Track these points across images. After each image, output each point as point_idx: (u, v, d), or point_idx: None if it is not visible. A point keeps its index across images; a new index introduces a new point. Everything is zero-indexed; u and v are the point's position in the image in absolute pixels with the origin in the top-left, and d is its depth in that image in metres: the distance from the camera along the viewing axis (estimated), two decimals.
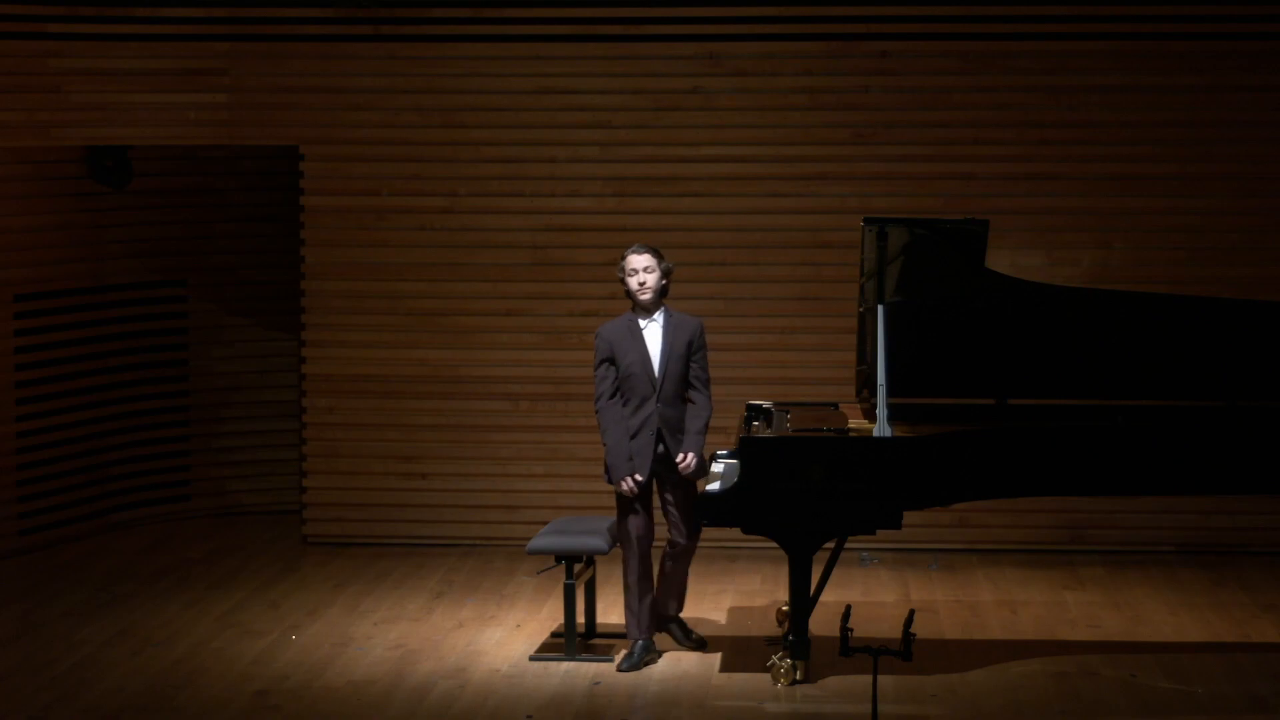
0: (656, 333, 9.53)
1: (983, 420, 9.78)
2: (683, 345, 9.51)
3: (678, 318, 9.57)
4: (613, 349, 9.54)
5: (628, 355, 9.50)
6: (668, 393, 9.51)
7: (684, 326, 9.55)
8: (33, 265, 12.16)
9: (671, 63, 12.17)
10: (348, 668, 9.61)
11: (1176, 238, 12.05)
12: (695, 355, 9.56)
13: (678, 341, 9.50)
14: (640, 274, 9.47)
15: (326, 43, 12.25)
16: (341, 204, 12.35)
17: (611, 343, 9.54)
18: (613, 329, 9.59)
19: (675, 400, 9.54)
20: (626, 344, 9.52)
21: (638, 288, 9.48)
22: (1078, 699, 9.07)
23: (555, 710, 8.93)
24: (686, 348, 9.52)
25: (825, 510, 9.20)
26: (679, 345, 9.50)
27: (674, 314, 9.58)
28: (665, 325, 9.53)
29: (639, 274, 9.47)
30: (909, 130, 12.09)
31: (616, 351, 9.53)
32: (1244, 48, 11.93)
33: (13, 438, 12.10)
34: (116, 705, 8.96)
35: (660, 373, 9.49)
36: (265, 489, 13.31)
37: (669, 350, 9.49)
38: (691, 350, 9.53)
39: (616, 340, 9.54)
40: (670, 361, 9.49)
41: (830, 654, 9.06)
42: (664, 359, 9.48)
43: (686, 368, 9.54)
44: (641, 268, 9.47)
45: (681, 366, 9.52)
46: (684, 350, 9.52)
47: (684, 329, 9.53)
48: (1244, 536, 12.08)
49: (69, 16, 11.97)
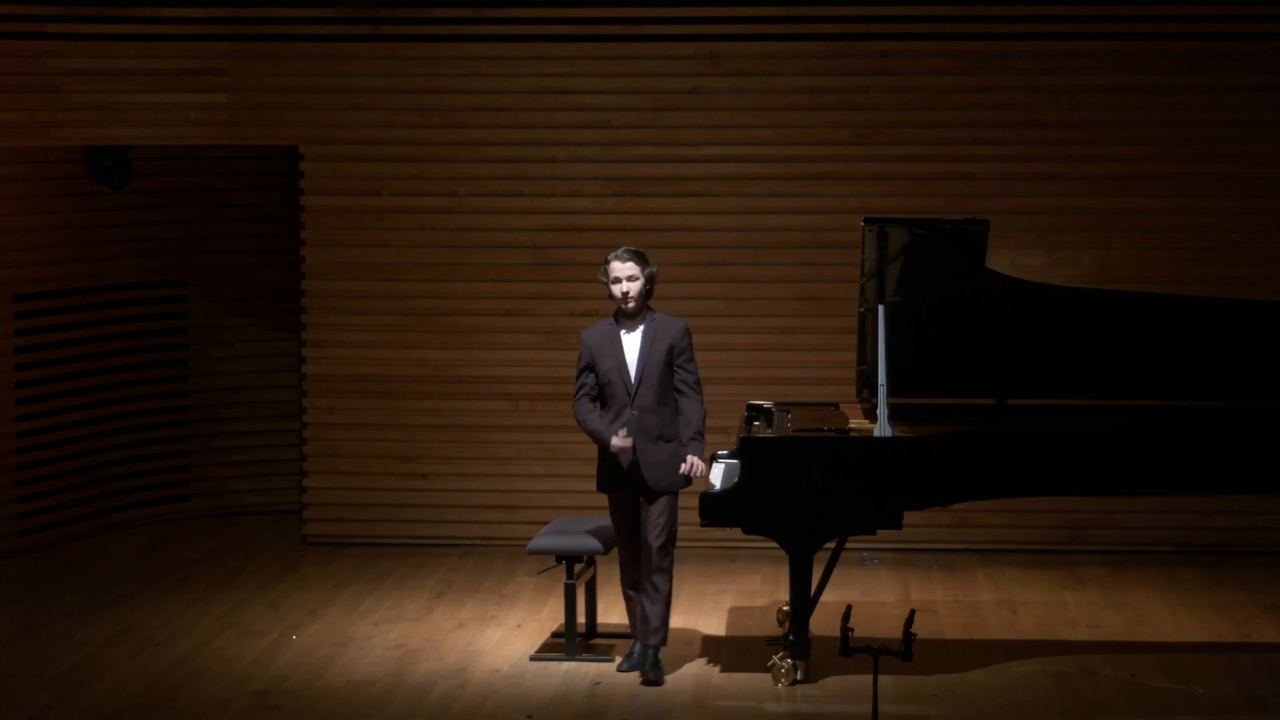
0: (636, 340, 9.29)
1: (983, 420, 9.78)
2: (663, 350, 9.26)
3: (660, 321, 9.34)
4: (593, 355, 9.37)
5: (605, 362, 9.31)
6: (645, 400, 9.27)
7: (665, 331, 9.30)
8: (33, 265, 12.16)
9: (671, 63, 12.17)
10: (348, 668, 9.61)
11: (1176, 238, 12.05)
12: (679, 359, 9.30)
13: (657, 347, 9.26)
14: (624, 283, 9.25)
15: (326, 43, 12.26)
16: (342, 204, 12.35)
17: (592, 349, 9.36)
18: (594, 335, 9.39)
19: (655, 407, 9.28)
20: (605, 350, 9.33)
21: (620, 296, 9.27)
22: (1078, 699, 9.07)
23: (556, 710, 8.93)
24: (668, 353, 9.27)
25: (826, 510, 9.20)
26: (658, 351, 9.26)
27: (658, 317, 9.35)
28: (646, 330, 9.29)
29: (622, 282, 9.25)
30: (909, 130, 12.09)
31: (596, 357, 9.34)
32: (1244, 48, 11.94)
33: (13, 438, 12.10)
34: (116, 705, 8.96)
35: (636, 380, 9.27)
36: (265, 489, 13.31)
37: (646, 357, 9.26)
38: (674, 354, 9.29)
39: (596, 346, 9.35)
40: (648, 368, 9.26)
41: (830, 654, 9.06)
42: (640, 366, 9.27)
43: (669, 373, 9.30)
44: (625, 276, 9.25)
45: (661, 371, 9.26)
46: (664, 356, 9.26)
47: (665, 333, 9.29)
48: (1244, 536, 12.08)
49: (69, 16, 11.97)
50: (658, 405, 9.29)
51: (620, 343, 9.31)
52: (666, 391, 9.32)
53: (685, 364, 9.35)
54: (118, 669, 9.55)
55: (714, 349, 12.01)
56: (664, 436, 9.30)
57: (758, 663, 9.57)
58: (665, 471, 9.31)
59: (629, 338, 9.31)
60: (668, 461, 9.31)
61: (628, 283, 9.26)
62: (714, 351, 12.02)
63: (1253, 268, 11.97)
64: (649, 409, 9.28)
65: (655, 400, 9.29)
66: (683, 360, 9.33)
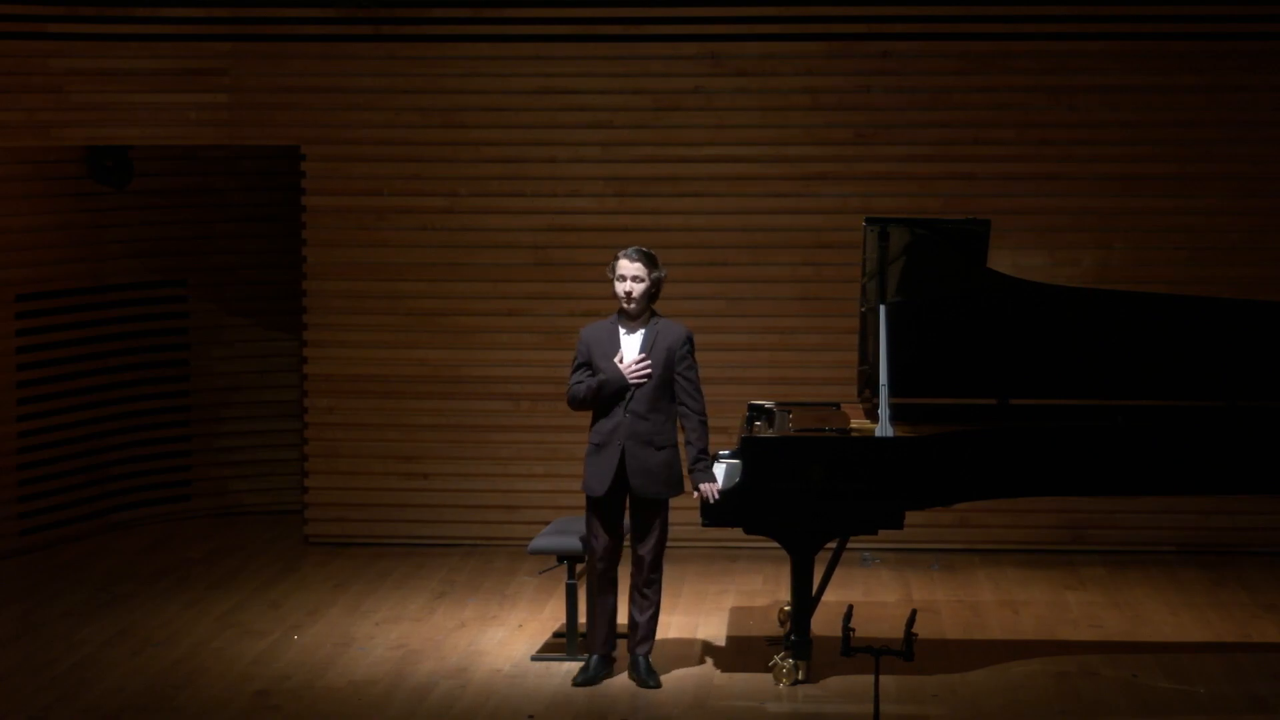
0: (636, 341, 9.17)
1: (984, 420, 9.78)
2: (661, 354, 9.13)
3: (663, 325, 9.20)
4: (590, 352, 9.25)
5: (602, 360, 9.18)
6: (639, 404, 9.14)
7: (666, 335, 9.17)
8: (33, 265, 12.16)
9: (673, 63, 12.17)
10: (349, 668, 9.61)
11: (1177, 238, 12.05)
12: (679, 366, 9.15)
13: (656, 351, 9.13)
14: (628, 282, 9.14)
15: (327, 43, 12.26)
16: (342, 204, 12.35)
17: (590, 346, 9.24)
18: (593, 332, 9.27)
19: (648, 412, 9.15)
20: (603, 349, 9.21)
21: (623, 295, 9.16)
22: (1078, 699, 9.08)
23: (557, 710, 8.93)
24: (666, 357, 9.13)
25: (827, 510, 9.20)
26: (657, 355, 9.12)
27: (661, 321, 9.22)
28: (647, 334, 9.17)
29: (626, 281, 9.14)
30: (910, 130, 12.09)
31: (593, 355, 9.22)
32: (1244, 48, 11.94)
33: (13, 437, 12.10)
34: (116, 705, 8.96)
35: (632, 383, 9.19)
36: (266, 489, 13.31)
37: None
38: (674, 360, 9.15)
39: (594, 344, 9.24)
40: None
41: (832, 654, 9.06)
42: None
43: (667, 378, 9.15)
44: (630, 275, 9.14)
45: (659, 376, 9.12)
46: (662, 359, 9.12)
47: (666, 338, 9.16)
48: (1244, 536, 12.08)
49: (69, 16, 11.97)
50: (650, 410, 9.17)
51: (620, 342, 9.24)
52: (662, 397, 9.18)
53: (686, 371, 9.18)
54: (118, 669, 9.55)
55: (715, 349, 12.01)
56: (655, 443, 9.17)
57: (759, 663, 9.57)
58: (654, 479, 9.20)
59: (629, 338, 9.22)
60: (658, 470, 9.18)
61: (632, 282, 9.17)
62: (715, 351, 12.03)
63: (1253, 268, 11.97)
64: (641, 414, 9.17)
65: (649, 405, 9.16)
66: (683, 367, 9.17)
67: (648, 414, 9.17)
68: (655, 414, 9.18)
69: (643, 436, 9.17)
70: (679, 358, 9.19)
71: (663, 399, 9.20)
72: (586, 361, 9.27)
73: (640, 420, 9.17)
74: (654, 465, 9.18)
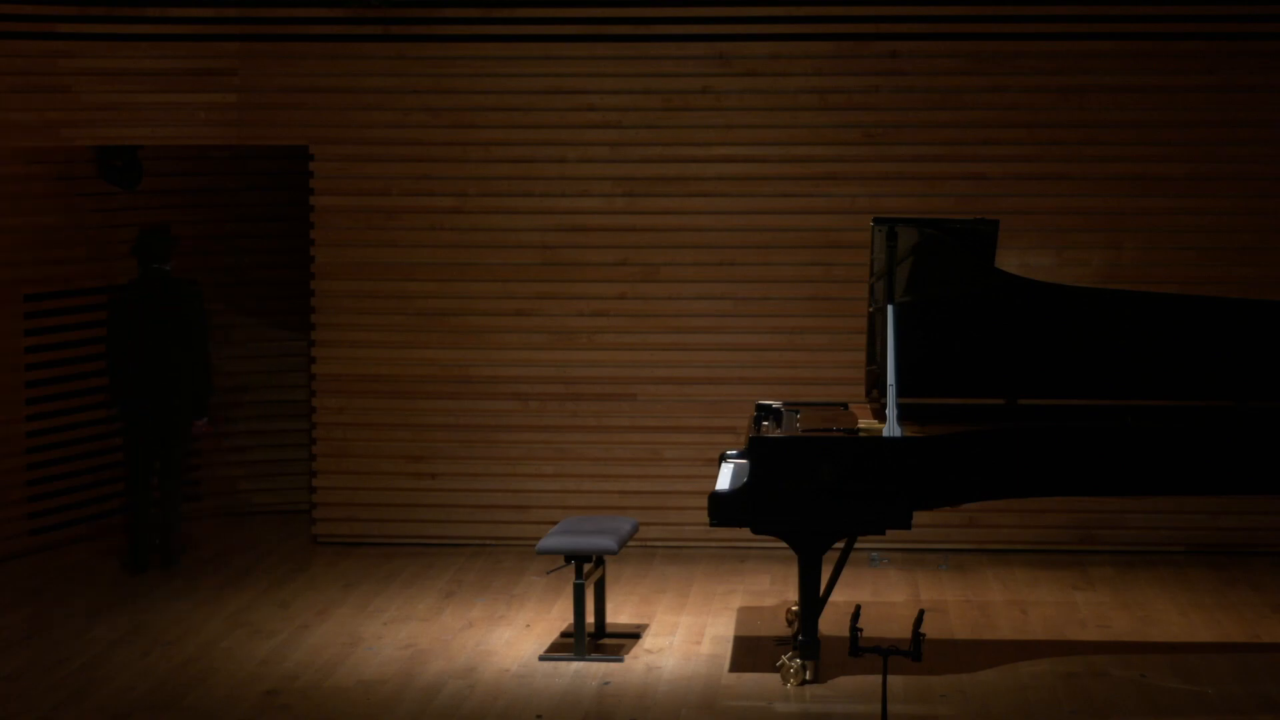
0: None
1: (992, 420, 9.77)
2: None
3: None
4: None
5: None
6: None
7: None
8: (43, 265, 12.17)
9: (682, 63, 12.17)
10: (357, 667, 9.61)
11: (1187, 238, 12.04)
12: None
13: None
14: None
15: (337, 43, 12.26)
16: (351, 204, 12.36)
17: None
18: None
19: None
20: None
21: None
22: (1087, 699, 9.07)
23: (565, 710, 8.93)
24: None
25: (835, 510, 9.20)
26: None
27: None
28: None
29: None
30: (919, 130, 12.09)
31: None
32: (1255, 47, 11.92)
33: (23, 437, 12.11)
34: (126, 705, 8.96)
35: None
36: (275, 489, 13.32)
37: None
38: None
39: None
40: None
41: (840, 654, 9.06)
42: None
43: None
44: None
45: None
46: None
47: None
48: (1254, 537, 12.07)
49: (79, 17, 11.98)
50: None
51: None
52: None
53: None
54: (128, 669, 9.56)
55: (723, 349, 12.02)
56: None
57: (767, 663, 9.57)
58: None
59: None
60: None
61: None
62: (723, 351, 12.04)
63: (1263, 268, 11.96)
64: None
65: None
66: None
67: None
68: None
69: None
70: None
71: None
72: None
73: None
74: None
